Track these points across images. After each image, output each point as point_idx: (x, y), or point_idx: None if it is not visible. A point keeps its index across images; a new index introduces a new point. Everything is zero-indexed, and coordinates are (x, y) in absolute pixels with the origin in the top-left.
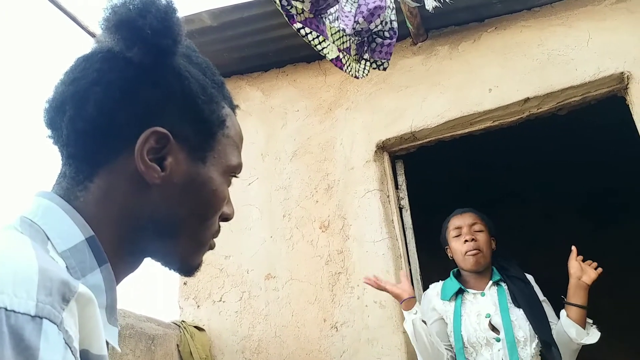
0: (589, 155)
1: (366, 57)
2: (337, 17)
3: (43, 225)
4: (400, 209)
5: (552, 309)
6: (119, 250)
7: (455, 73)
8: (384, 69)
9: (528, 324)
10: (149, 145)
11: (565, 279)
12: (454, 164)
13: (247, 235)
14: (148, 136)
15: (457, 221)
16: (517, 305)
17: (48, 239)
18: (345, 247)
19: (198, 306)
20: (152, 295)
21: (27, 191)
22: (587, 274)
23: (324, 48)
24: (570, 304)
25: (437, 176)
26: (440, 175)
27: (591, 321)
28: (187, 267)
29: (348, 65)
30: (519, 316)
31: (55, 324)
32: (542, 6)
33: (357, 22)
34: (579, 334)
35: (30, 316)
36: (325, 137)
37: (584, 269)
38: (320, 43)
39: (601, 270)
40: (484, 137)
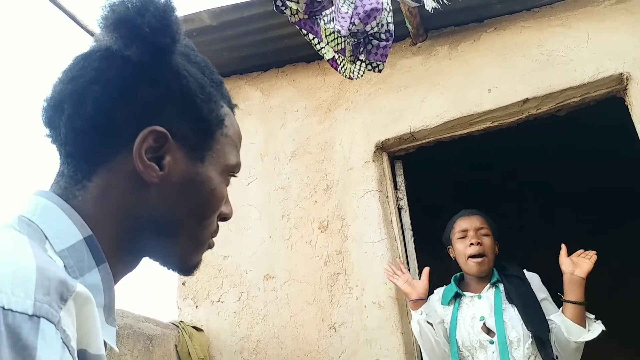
0: (588, 155)
1: (362, 58)
2: (333, 18)
3: (41, 224)
4: (399, 210)
5: (555, 307)
6: (117, 249)
7: (454, 73)
8: (379, 71)
9: (521, 323)
10: (147, 144)
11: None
12: (453, 165)
13: (245, 236)
14: (146, 135)
15: (463, 223)
16: (511, 302)
17: (46, 238)
18: (344, 247)
19: (196, 306)
20: (151, 296)
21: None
22: (579, 267)
23: (322, 48)
24: (566, 301)
25: (436, 177)
26: (439, 175)
27: (592, 316)
28: (186, 267)
29: (342, 66)
30: (512, 316)
31: (52, 323)
32: (541, 7)
33: (353, 24)
34: (575, 332)
35: (28, 315)
36: (325, 137)
37: (576, 262)
38: (318, 44)
39: (595, 258)
40: (483, 138)
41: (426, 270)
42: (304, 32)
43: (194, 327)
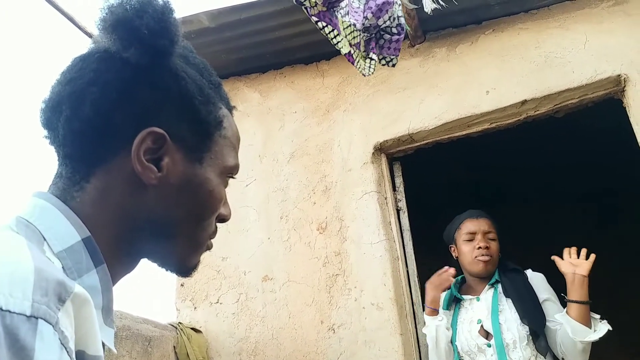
0: (587, 157)
1: (372, 56)
2: (347, 11)
3: (39, 225)
4: (398, 211)
5: (560, 307)
6: (115, 250)
7: (452, 75)
8: (393, 65)
9: (517, 323)
10: (145, 146)
11: (563, 280)
12: (452, 166)
13: (244, 237)
14: (145, 136)
15: (471, 225)
16: (507, 295)
17: (44, 239)
18: (342, 249)
19: (195, 308)
20: (149, 297)
21: (23, 191)
22: (579, 266)
23: (339, 42)
24: (570, 301)
25: (435, 178)
26: (438, 177)
27: (598, 316)
28: (184, 268)
29: (357, 61)
30: (508, 317)
31: (50, 324)
32: (539, 9)
33: (366, 18)
34: (581, 332)
35: (26, 316)
36: (323, 139)
37: (575, 263)
38: (336, 37)
39: (594, 256)
40: (481, 139)
41: (451, 271)
42: (323, 24)
43: (192, 329)
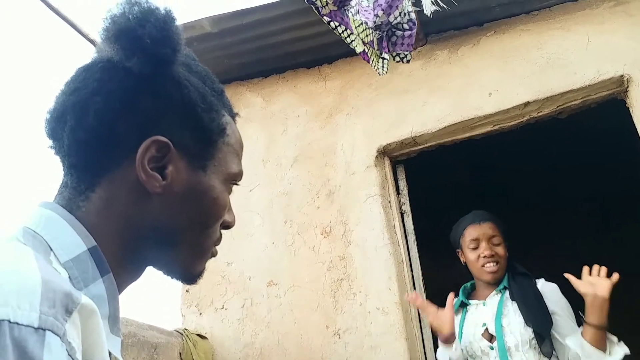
0: (590, 158)
1: (385, 56)
2: (358, 10)
3: (45, 235)
4: (402, 214)
5: (570, 324)
6: (121, 259)
7: (454, 77)
8: (407, 62)
9: (520, 327)
10: (149, 155)
11: (566, 283)
12: (456, 169)
13: (248, 242)
14: (149, 145)
15: (474, 232)
16: (513, 298)
17: (51, 249)
18: (347, 253)
19: (200, 314)
20: (155, 304)
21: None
22: (599, 286)
23: (352, 41)
24: (587, 324)
25: (438, 181)
26: (441, 179)
27: (615, 339)
28: (190, 275)
29: (372, 59)
30: (511, 321)
31: (58, 335)
32: (540, 10)
33: (376, 16)
34: (595, 357)
35: (34, 328)
36: (326, 143)
37: (594, 282)
38: (349, 36)
39: (617, 276)
40: (484, 141)
41: (450, 297)
42: (335, 24)
43: (198, 335)
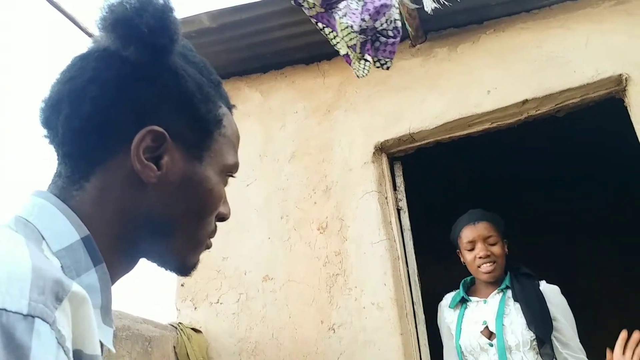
0: (588, 156)
1: (367, 57)
2: (346, 13)
3: (38, 224)
4: (399, 211)
5: (570, 330)
6: (115, 250)
7: (453, 75)
8: (387, 68)
9: (522, 328)
10: (145, 144)
11: (564, 285)
12: (453, 166)
13: (245, 237)
14: (144, 135)
15: (470, 233)
16: (516, 300)
17: (43, 238)
18: (343, 248)
19: (195, 308)
20: (149, 297)
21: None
22: None
23: (337, 43)
24: None
25: (436, 178)
26: (439, 176)
27: None
28: (183, 267)
29: (353, 62)
30: (513, 321)
31: (47, 323)
32: (540, 8)
33: (363, 20)
34: None
35: (23, 315)
36: (324, 139)
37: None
38: (335, 38)
39: None
40: (482, 139)
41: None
42: (321, 25)
43: (192, 329)
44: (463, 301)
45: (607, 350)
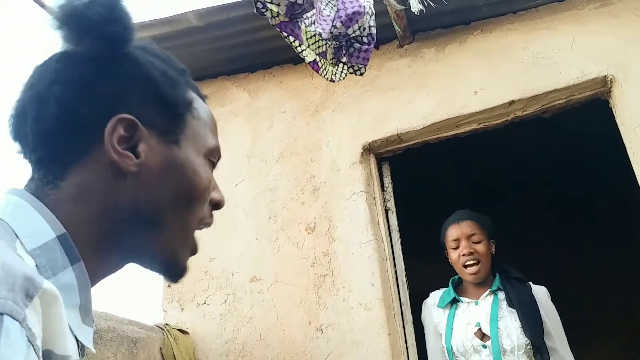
0: (574, 157)
1: (344, 60)
2: (314, 21)
3: (12, 222)
4: (386, 211)
5: (559, 333)
6: (96, 248)
7: (441, 75)
8: (361, 74)
9: (517, 332)
10: (117, 134)
11: (549, 281)
12: (441, 166)
13: (232, 237)
14: (115, 125)
15: (454, 232)
16: (512, 306)
17: (17, 237)
18: (331, 249)
19: (182, 309)
20: (135, 298)
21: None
22: None
23: (303, 51)
24: None
25: (423, 178)
26: (427, 177)
27: None
28: (174, 264)
29: (324, 68)
30: (508, 324)
31: (17, 320)
32: (527, 10)
33: (334, 27)
34: None
35: None
36: (312, 139)
37: None
38: (300, 46)
39: None
40: (469, 139)
41: None
42: (284, 34)
43: (179, 330)
44: (453, 301)
45: None
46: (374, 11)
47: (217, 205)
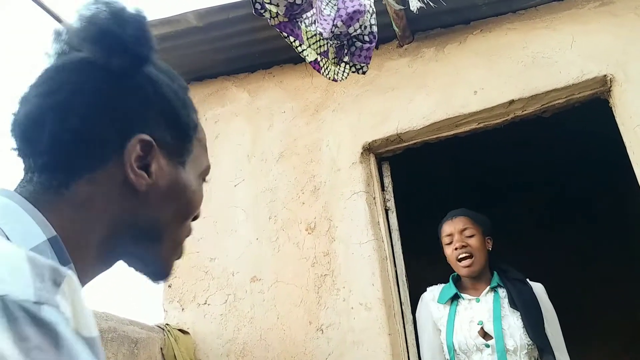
0: (574, 157)
1: (346, 59)
2: (314, 20)
3: (3, 225)
4: (387, 211)
5: (557, 328)
6: (90, 254)
7: (441, 75)
8: (364, 73)
9: (520, 332)
10: (135, 154)
11: (549, 280)
12: (441, 166)
13: (232, 238)
14: (135, 144)
15: (447, 228)
16: (515, 307)
17: (7, 238)
18: (331, 249)
19: (183, 309)
20: (136, 299)
21: None
22: None
23: (304, 50)
24: None
25: (423, 178)
26: (427, 176)
27: None
28: (165, 271)
29: (326, 68)
30: (511, 324)
31: (54, 307)
32: (527, 9)
33: (335, 26)
34: None
35: (32, 302)
36: (312, 139)
37: None
38: (300, 45)
39: None
40: (470, 138)
41: None
42: (284, 34)
43: (180, 330)
44: (454, 297)
45: None
46: (374, 9)
47: (195, 218)
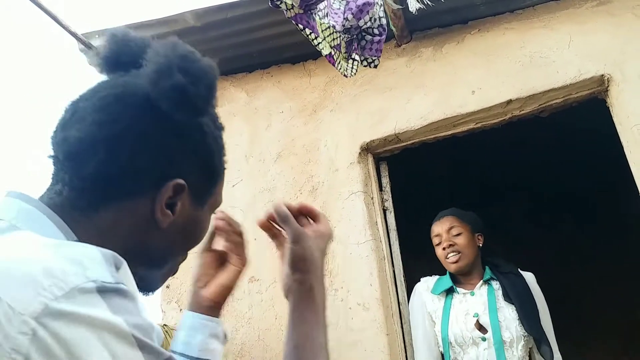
0: (571, 156)
1: (354, 56)
2: (327, 13)
3: (36, 230)
4: (384, 211)
5: (548, 318)
6: None
7: (439, 75)
8: (375, 67)
9: (516, 324)
10: (167, 195)
11: (547, 280)
12: (439, 166)
13: None
14: (170, 187)
15: (436, 228)
16: (509, 300)
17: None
18: (329, 249)
19: (180, 309)
20: None
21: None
22: None
23: (319, 44)
24: None
25: (421, 178)
26: (424, 176)
27: None
28: (157, 287)
29: (338, 62)
30: (507, 317)
31: (124, 284)
32: (524, 9)
33: (346, 19)
34: None
35: (114, 284)
36: (310, 139)
37: None
38: (316, 39)
39: None
40: (468, 138)
41: None
42: (301, 27)
43: None
44: (449, 290)
45: None
46: (382, 2)
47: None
